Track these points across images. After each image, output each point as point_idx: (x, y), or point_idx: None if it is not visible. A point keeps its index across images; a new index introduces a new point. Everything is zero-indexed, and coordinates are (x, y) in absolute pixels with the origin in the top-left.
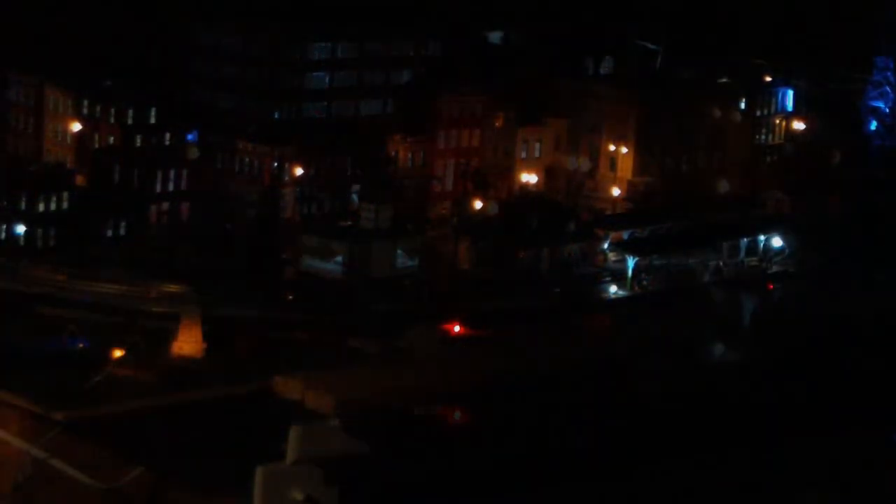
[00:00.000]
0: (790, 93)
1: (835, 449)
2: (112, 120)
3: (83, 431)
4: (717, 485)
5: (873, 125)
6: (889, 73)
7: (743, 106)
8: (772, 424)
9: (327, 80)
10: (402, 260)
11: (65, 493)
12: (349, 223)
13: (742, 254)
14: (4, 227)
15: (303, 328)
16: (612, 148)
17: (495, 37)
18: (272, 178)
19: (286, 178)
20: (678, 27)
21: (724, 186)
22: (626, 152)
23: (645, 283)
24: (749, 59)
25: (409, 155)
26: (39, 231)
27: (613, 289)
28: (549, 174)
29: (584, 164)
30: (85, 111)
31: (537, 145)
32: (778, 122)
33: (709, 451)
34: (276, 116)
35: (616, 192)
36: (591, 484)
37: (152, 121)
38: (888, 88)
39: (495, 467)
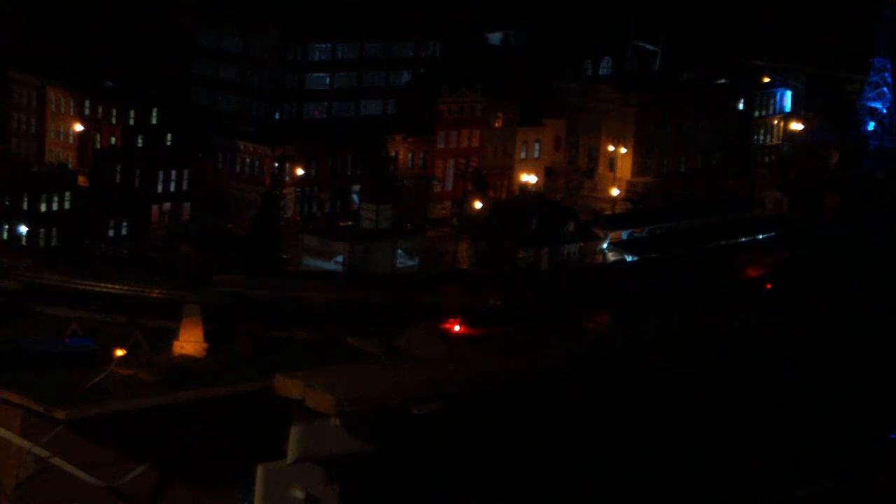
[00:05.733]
0: (788, 93)
1: (835, 448)
2: (114, 120)
3: (84, 430)
4: (714, 479)
5: (871, 126)
6: (886, 74)
7: (741, 106)
8: (770, 423)
9: (328, 80)
10: (402, 260)
11: (66, 492)
12: (349, 223)
13: None
14: (7, 226)
15: (303, 327)
16: (611, 148)
17: (495, 37)
18: (273, 178)
19: (287, 179)
20: (677, 28)
21: (722, 186)
22: (625, 153)
23: None
24: (747, 60)
25: (409, 155)
26: (41, 231)
27: None
28: (548, 174)
29: (582, 163)
30: (87, 112)
31: (536, 145)
32: (776, 122)
33: (705, 446)
34: (277, 117)
35: (615, 192)
36: (591, 483)
37: (154, 121)
38: (885, 89)
39: (494, 467)
